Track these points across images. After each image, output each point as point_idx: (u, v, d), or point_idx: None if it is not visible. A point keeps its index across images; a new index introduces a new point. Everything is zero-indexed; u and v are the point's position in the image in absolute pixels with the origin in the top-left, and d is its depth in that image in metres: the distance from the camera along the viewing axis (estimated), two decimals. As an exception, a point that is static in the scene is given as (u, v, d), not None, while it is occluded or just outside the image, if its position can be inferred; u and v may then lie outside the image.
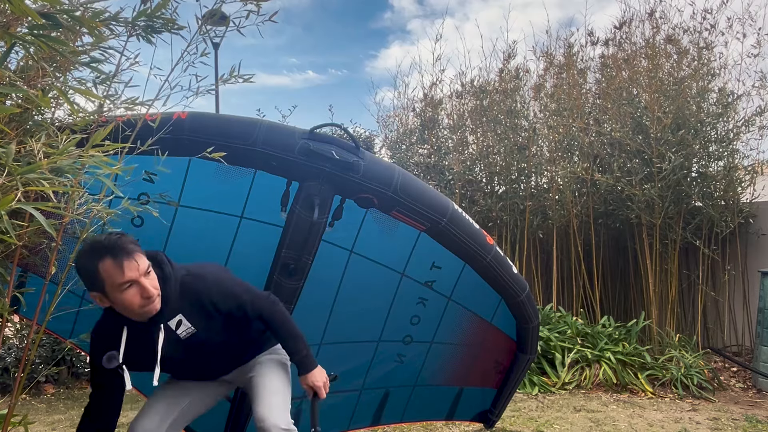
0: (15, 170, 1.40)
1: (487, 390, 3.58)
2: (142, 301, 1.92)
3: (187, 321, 2.10)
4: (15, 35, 1.46)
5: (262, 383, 2.29)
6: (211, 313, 2.14)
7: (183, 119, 2.32)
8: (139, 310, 1.93)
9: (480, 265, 2.88)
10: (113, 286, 1.86)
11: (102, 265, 1.84)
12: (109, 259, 1.84)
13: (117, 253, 1.85)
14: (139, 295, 1.90)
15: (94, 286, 1.88)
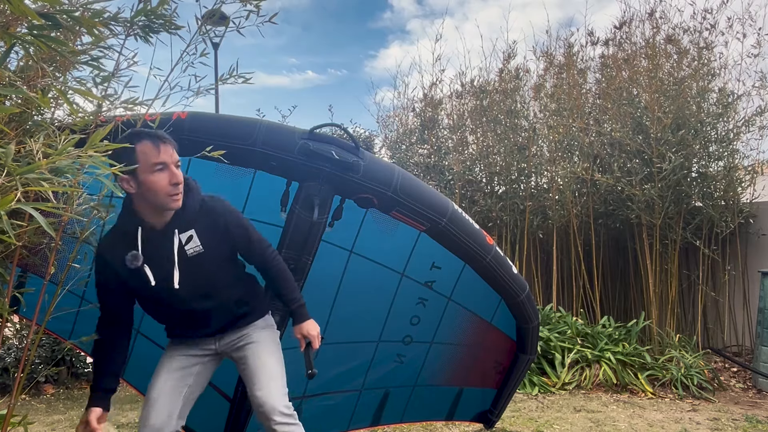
0: (14, 170, 1.39)
1: (487, 390, 3.58)
2: (170, 188, 1.95)
3: (197, 238, 2.11)
4: (15, 35, 1.46)
5: (260, 365, 2.26)
6: (221, 237, 2.15)
7: (183, 119, 2.32)
8: (164, 198, 1.96)
9: (480, 265, 2.88)
10: (146, 167, 1.92)
11: (140, 146, 1.92)
12: (147, 141, 1.93)
13: (155, 137, 1.94)
14: (168, 180, 1.94)
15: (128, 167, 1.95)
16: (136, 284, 2.10)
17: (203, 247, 2.12)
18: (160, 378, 2.26)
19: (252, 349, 2.30)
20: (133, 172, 1.92)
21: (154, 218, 2.04)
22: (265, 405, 2.14)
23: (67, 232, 2.13)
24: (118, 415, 4.47)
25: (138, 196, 1.99)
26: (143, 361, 2.94)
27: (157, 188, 1.94)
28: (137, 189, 1.96)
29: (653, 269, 6.24)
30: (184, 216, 2.07)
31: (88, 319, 2.76)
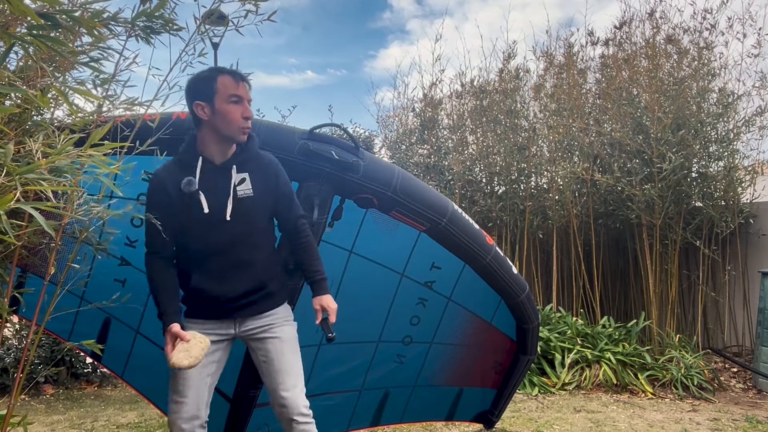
0: (14, 170, 1.39)
1: (487, 390, 3.57)
2: (241, 120, 2.11)
3: (249, 182, 2.19)
4: (14, 35, 1.45)
5: (286, 364, 2.25)
6: (270, 187, 2.23)
7: (182, 119, 2.32)
8: (234, 129, 2.11)
9: (480, 265, 2.88)
10: (224, 96, 2.09)
11: (221, 78, 2.11)
12: (227, 75, 2.12)
13: (235, 74, 2.13)
14: (241, 113, 2.11)
15: (205, 94, 2.10)
16: (186, 216, 2.12)
17: (253, 192, 2.19)
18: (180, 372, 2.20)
19: (276, 345, 2.27)
20: (211, 101, 2.09)
21: (216, 152, 2.16)
22: (290, 406, 2.17)
23: (66, 232, 2.12)
24: (117, 416, 4.47)
25: (208, 125, 2.13)
26: (143, 361, 2.94)
27: (230, 118, 2.10)
28: (210, 116, 2.11)
29: (653, 269, 6.24)
30: (242, 156, 2.19)
31: (87, 320, 2.77)
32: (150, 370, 2.98)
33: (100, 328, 2.84)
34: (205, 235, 2.16)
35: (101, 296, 2.31)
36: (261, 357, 2.28)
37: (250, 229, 2.21)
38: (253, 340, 2.30)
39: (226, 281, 2.22)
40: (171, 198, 2.12)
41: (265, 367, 2.27)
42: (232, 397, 2.96)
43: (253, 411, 3.00)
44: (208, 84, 2.11)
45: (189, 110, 2.18)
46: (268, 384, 2.25)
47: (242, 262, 2.21)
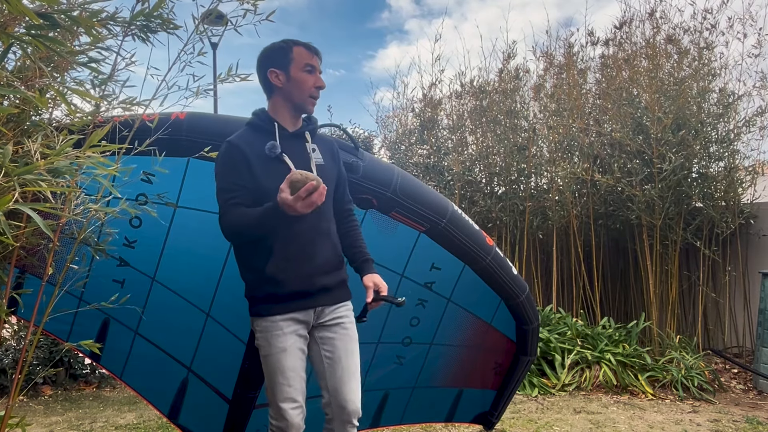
0: (12, 171, 1.39)
1: (486, 391, 3.57)
2: (313, 90, 2.20)
3: (319, 153, 2.26)
4: (12, 35, 1.45)
5: (350, 362, 2.23)
6: (334, 162, 2.32)
7: (181, 120, 2.31)
8: (305, 98, 2.20)
9: (480, 266, 2.87)
10: (299, 65, 2.18)
11: (296, 48, 2.19)
12: (302, 47, 2.21)
13: (309, 46, 2.22)
14: (314, 82, 2.20)
15: (282, 62, 2.18)
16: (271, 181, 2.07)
17: (324, 162, 2.25)
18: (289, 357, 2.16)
19: (346, 342, 2.24)
20: (286, 68, 2.17)
21: (287, 120, 2.23)
22: (351, 410, 2.19)
23: (65, 233, 2.12)
24: (116, 417, 4.46)
25: (281, 93, 2.20)
26: (142, 361, 2.93)
27: (303, 87, 2.18)
28: (284, 83, 2.18)
29: (653, 270, 6.23)
30: (311, 126, 2.28)
31: (86, 320, 2.76)
32: (149, 371, 2.98)
33: (99, 329, 2.83)
34: None
35: (100, 297, 2.31)
36: (326, 351, 2.23)
37: (328, 197, 2.20)
38: (323, 329, 2.24)
39: (310, 248, 2.17)
40: (250, 162, 2.12)
41: (328, 362, 2.22)
42: (231, 398, 2.96)
43: (252, 412, 3.00)
44: (284, 53, 2.18)
45: (261, 79, 2.24)
46: (329, 381, 2.21)
47: (323, 230, 2.21)
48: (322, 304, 2.22)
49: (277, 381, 2.14)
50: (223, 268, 2.73)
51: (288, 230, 2.13)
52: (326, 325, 2.24)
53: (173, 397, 3.02)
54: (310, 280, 2.17)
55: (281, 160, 2.14)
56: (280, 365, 2.14)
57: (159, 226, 2.57)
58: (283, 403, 2.13)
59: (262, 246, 2.14)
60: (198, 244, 2.67)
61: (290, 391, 2.14)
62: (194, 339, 2.89)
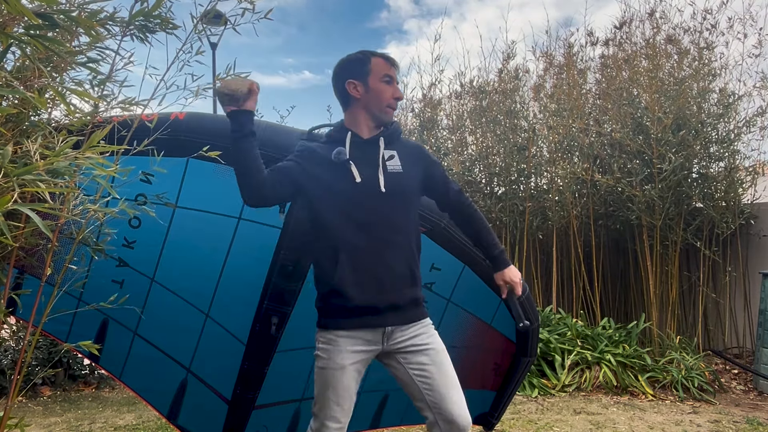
0: (11, 171, 1.38)
1: (486, 392, 3.56)
2: (392, 101, 2.19)
3: (398, 159, 2.21)
4: (11, 35, 1.44)
5: (445, 373, 2.15)
6: (419, 165, 2.26)
7: (180, 120, 2.31)
8: (384, 108, 2.18)
9: (480, 266, 2.86)
10: (377, 76, 2.17)
11: (374, 59, 2.19)
12: (380, 58, 2.20)
13: (387, 57, 2.22)
14: (391, 93, 2.19)
15: (360, 73, 2.17)
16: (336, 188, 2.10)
17: (402, 170, 2.20)
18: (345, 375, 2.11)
19: (433, 356, 2.15)
20: (365, 79, 2.17)
21: (364, 129, 2.21)
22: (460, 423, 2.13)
23: (64, 233, 2.11)
24: (115, 417, 4.45)
25: (359, 104, 2.19)
26: (141, 362, 2.93)
27: (382, 97, 2.17)
28: (363, 95, 2.17)
29: (653, 270, 6.23)
30: (389, 133, 2.24)
31: (85, 321, 2.76)
32: (148, 372, 2.97)
33: (98, 330, 2.82)
34: (357, 208, 2.11)
35: (99, 297, 2.30)
36: (415, 371, 2.15)
37: (402, 205, 2.18)
38: (403, 353, 2.16)
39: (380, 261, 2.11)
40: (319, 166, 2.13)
41: (422, 381, 2.14)
42: (230, 399, 2.95)
43: (252, 413, 2.99)
44: (363, 64, 2.18)
45: (338, 90, 2.23)
46: (429, 398, 2.14)
47: (396, 243, 2.14)
48: (392, 323, 2.13)
49: (327, 396, 2.11)
50: (222, 268, 2.72)
51: (357, 241, 2.09)
52: (407, 348, 2.15)
53: (172, 398, 3.02)
54: (379, 296, 2.10)
55: (347, 167, 2.12)
56: (334, 382, 2.10)
57: (158, 227, 2.56)
58: (328, 420, 2.12)
59: (330, 256, 2.10)
60: (197, 245, 2.67)
61: (337, 410, 2.11)
62: (193, 339, 2.89)
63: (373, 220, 2.11)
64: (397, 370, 2.20)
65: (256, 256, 2.66)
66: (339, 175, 2.11)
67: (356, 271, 2.08)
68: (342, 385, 2.10)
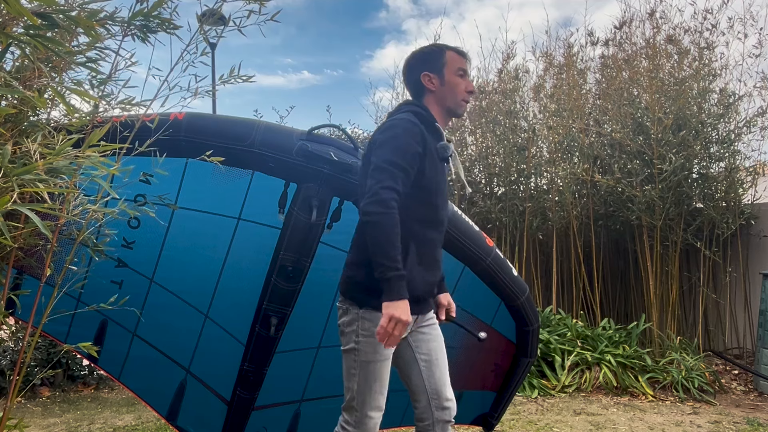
0: (10, 171, 1.38)
1: (486, 393, 3.55)
2: (465, 94, 2.21)
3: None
4: (11, 35, 1.44)
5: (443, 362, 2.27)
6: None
7: (180, 120, 2.30)
8: (458, 101, 2.20)
9: (480, 267, 2.86)
10: (452, 69, 2.18)
11: (449, 53, 2.20)
12: (454, 51, 2.22)
13: (461, 51, 2.23)
14: (465, 86, 2.20)
15: (436, 66, 2.18)
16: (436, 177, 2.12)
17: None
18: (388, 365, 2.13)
19: (440, 343, 2.27)
20: (439, 72, 2.17)
21: (441, 125, 2.20)
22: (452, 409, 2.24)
23: (63, 234, 2.11)
24: (114, 418, 4.44)
25: (434, 96, 2.20)
26: (140, 363, 2.92)
27: (456, 90, 2.19)
28: (438, 87, 2.18)
29: (654, 271, 6.22)
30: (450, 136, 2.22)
31: (84, 322, 2.75)
32: (147, 373, 2.97)
33: (97, 330, 2.82)
34: (441, 205, 2.17)
35: (98, 298, 2.30)
36: (422, 354, 2.22)
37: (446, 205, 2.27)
38: (416, 333, 2.23)
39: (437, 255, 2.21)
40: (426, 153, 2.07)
41: (425, 366, 2.22)
42: (229, 399, 2.94)
43: (251, 414, 2.99)
44: (438, 57, 2.19)
45: (411, 81, 2.22)
46: (429, 384, 2.21)
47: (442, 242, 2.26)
48: (427, 310, 2.26)
49: (373, 389, 2.10)
50: (221, 269, 2.72)
51: (426, 234, 2.13)
52: (422, 330, 2.24)
53: (171, 399, 3.01)
54: (431, 287, 2.20)
55: (446, 162, 2.17)
56: (381, 374, 2.10)
57: (157, 227, 2.56)
58: (372, 411, 2.11)
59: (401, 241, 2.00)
60: (196, 245, 2.67)
61: (381, 399, 2.13)
62: (192, 340, 2.88)
63: (442, 217, 2.21)
64: (404, 350, 2.22)
65: (255, 257, 2.65)
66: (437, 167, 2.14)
67: (422, 264, 2.11)
68: (386, 375, 2.12)
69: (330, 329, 2.89)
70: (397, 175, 1.94)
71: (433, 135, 2.12)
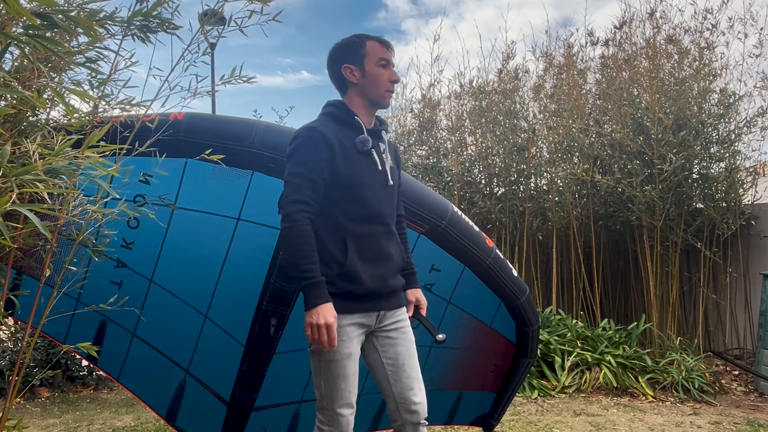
0: (9, 171, 1.37)
1: (486, 394, 3.55)
2: (389, 84, 2.18)
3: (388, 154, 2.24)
4: (10, 35, 1.43)
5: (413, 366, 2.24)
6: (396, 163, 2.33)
7: (179, 120, 2.30)
8: (381, 92, 2.18)
9: (479, 267, 2.86)
10: (373, 60, 2.16)
11: (369, 42, 2.18)
12: (375, 41, 2.19)
13: (382, 40, 2.20)
14: (388, 77, 2.17)
15: (356, 57, 2.16)
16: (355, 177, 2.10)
17: (393, 164, 2.25)
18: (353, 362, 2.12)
19: (408, 347, 2.25)
20: (360, 63, 2.16)
21: (364, 117, 2.19)
22: (420, 412, 2.19)
23: (63, 234, 2.10)
24: (113, 419, 4.44)
25: (356, 89, 2.18)
26: (139, 364, 2.92)
27: (379, 81, 2.16)
28: (359, 79, 2.16)
29: (654, 271, 6.22)
30: (383, 127, 2.26)
31: (83, 322, 2.75)
32: (146, 373, 2.96)
33: (96, 331, 2.82)
34: (370, 198, 2.13)
35: (97, 298, 2.29)
36: (388, 359, 2.21)
37: (395, 198, 2.25)
38: (383, 336, 2.22)
39: (383, 248, 2.16)
40: (335, 153, 2.06)
41: (391, 370, 2.21)
42: (228, 400, 2.94)
43: (251, 415, 2.98)
44: (358, 48, 2.17)
45: (334, 75, 2.22)
46: (396, 388, 2.19)
47: (392, 232, 2.22)
48: (386, 308, 2.21)
49: (338, 387, 2.10)
50: (221, 269, 2.71)
51: (363, 229, 2.12)
52: (385, 329, 2.22)
53: (171, 400, 3.01)
54: (383, 282, 2.15)
55: (369, 155, 2.14)
56: (344, 371, 2.10)
57: (156, 228, 2.55)
58: (341, 408, 2.10)
59: (338, 240, 2.09)
60: (196, 246, 2.66)
61: (350, 396, 2.12)
62: (192, 341, 2.88)
63: (381, 212, 2.16)
64: (370, 352, 2.24)
65: (254, 257, 2.65)
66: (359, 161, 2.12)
67: (365, 259, 2.11)
68: (351, 372, 2.12)
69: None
70: (302, 185, 2.01)
71: (351, 130, 2.14)
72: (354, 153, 2.11)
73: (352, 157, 2.10)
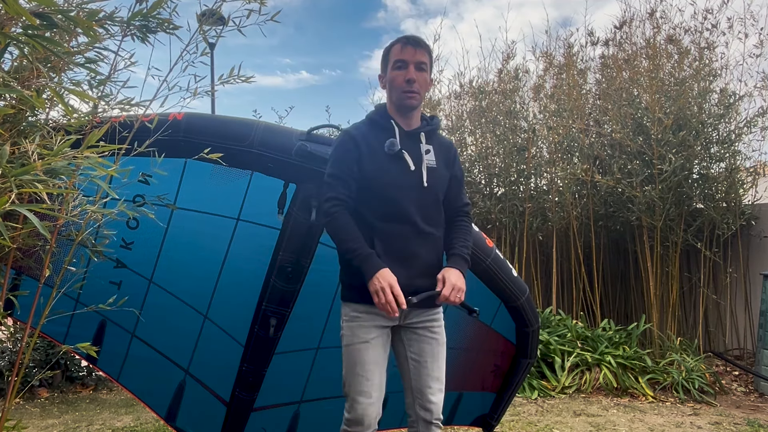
0: (9, 172, 1.37)
1: (486, 394, 3.54)
2: (404, 84, 2.15)
3: (433, 154, 2.23)
4: (9, 35, 1.43)
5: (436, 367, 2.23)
6: (449, 164, 2.30)
7: (179, 120, 2.29)
8: (399, 94, 2.17)
9: (479, 268, 2.85)
10: (392, 64, 2.18)
11: (394, 47, 2.19)
12: (398, 43, 2.19)
13: (404, 39, 2.18)
14: (403, 77, 2.15)
15: (384, 65, 2.23)
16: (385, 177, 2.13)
17: (436, 165, 2.23)
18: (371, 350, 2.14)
19: (434, 347, 2.24)
20: (385, 70, 2.22)
21: (401, 120, 2.22)
22: (435, 411, 2.19)
23: (62, 234, 2.10)
24: (113, 419, 4.44)
25: (387, 95, 2.24)
26: (139, 364, 2.92)
27: (394, 84, 2.17)
28: (386, 86, 2.22)
29: (654, 272, 6.21)
30: (428, 128, 2.25)
31: (83, 322, 2.74)
32: (146, 374, 2.96)
33: (96, 331, 2.81)
34: (397, 198, 2.14)
35: (97, 299, 2.29)
36: (413, 354, 2.23)
37: (436, 200, 2.24)
38: (411, 332, 2.24)
39: (410, 249, 2.16)
40: (362, 154, 2.14)
41: (414, 365, 2.22)
42: (228, 400, 2.94)
43: (251, 415, 2.98)
44: (385, 55, 2.22)
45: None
46: (415, 383, 2.22)
47: (425, 233, 2.20)
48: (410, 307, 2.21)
49: (355, 372, 2.13)
50: (220, 269, 2.71)
51: (390, 228, 2.14)
52: (413, 326, 2.23)
53: (170, 400, 3.01)
54: (408, 281, 2.13)
55: (400, 156, 2.15)
56: (361, 357, 2.13)
57: (156, 228, 2.55)
58: (357, 395, 2.12)
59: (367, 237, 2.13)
60: (195, 246, 2.66)
61: (367, 384, 2.12)
62: (191, 341, 2.88)
63: (413, 212, 2.16)
64: (398, 345, 2.27)
65: (254, 258, 2.65)
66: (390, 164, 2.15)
67: (389, 257, 2.12)
68: (369, 359, 2.13)
69: (329, 330, 2.88)
70: (335, 184, 2.13)
71: (384, 133, 2.18)
72: (382, 154, 2.14)
73: (380, 158, 2.14)
